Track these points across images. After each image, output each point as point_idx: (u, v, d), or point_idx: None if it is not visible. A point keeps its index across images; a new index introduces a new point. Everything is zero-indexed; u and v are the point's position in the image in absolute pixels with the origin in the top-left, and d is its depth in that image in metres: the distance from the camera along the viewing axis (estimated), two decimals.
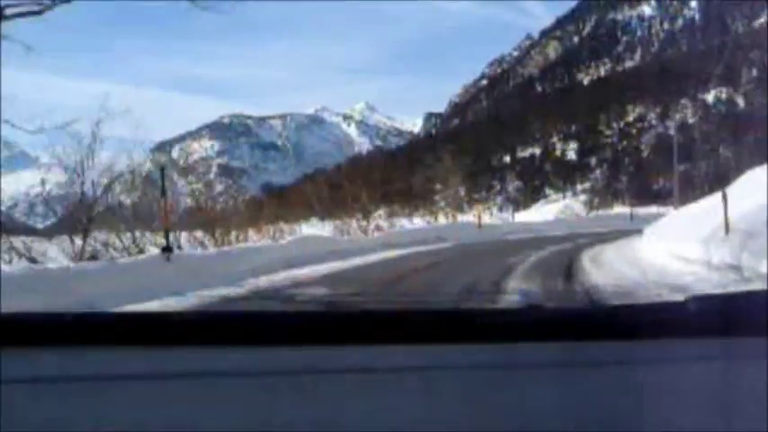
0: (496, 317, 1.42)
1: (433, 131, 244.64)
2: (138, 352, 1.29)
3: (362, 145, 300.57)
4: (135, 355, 1.29)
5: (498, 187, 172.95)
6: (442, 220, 59.17)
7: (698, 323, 1.35)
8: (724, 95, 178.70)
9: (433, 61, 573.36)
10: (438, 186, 69.81)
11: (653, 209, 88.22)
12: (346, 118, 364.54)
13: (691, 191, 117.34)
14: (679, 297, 1.51)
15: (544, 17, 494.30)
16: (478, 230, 44.05)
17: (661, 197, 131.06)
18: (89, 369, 1.22)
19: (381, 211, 69.84)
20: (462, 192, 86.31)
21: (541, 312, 1.49)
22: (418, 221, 61.86)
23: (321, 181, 55.04)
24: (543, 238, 38.40)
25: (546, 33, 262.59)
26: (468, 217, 65.47)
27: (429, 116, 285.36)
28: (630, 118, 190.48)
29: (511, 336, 1.33)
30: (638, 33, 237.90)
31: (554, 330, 1.36)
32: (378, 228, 46.34)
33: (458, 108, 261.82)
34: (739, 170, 53.43)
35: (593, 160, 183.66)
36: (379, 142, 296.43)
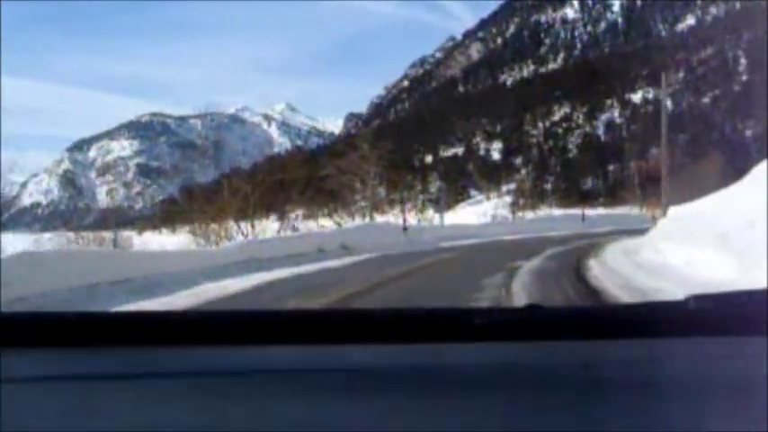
0: (496, 317, 1.40)
1: (354, 131, 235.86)
2: (138, 352, 1.28)
3: (283, 145, 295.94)
4: (135, 355, 1.28)
5: (419, 187, 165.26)
6: (358, 220, 55.12)
7: (698, 323, 1.34)
8: (651, 95, 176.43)
9: (356, 62, 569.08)
10: (358, 185, 65.08)
11: (596, 210, 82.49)
12: (267, 118, 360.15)
13: (622, 191, 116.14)
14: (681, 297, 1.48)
15: (467, 19, 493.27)
16: (404, 235, 35.00)
17: (590, 198, 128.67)
18: (89, 369, 1.21)
19: (299, 212, 62.60)
20: (383, 192, 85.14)
21: (541, 312, 1.46)
22: (327, 223, 53.86)
23: (238, 181, 46.88)
24: (496, 248, 30.22)
25: (469, 35, 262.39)
26: (389, 217, 61.92)
27: (350, 117, 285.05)
28: (556, 117, 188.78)
29: (511, 336, 1.33)
30: (562, 36, 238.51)
31: (554, 330, 1.35)
32: (294, 229, 39.23)
33: (379, 108, 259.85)
34: (673, 170, 53.48)
35: (518, 160, 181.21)
36: (299, 142, 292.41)
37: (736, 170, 42.15)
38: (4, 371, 1.15)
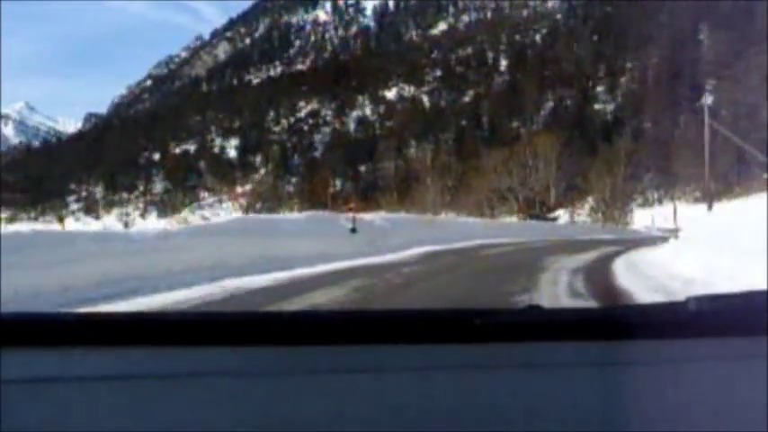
0: (496, 317, 1.35)
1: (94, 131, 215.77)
2: (139, 352, 1.24)
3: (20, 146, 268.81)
4: (135, 355, 1.23)
5: (141, 188, 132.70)
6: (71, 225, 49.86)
7: (698, 323, 1.30)
8: (407, 93, 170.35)
9: (101, 62, 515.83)
10: (72, 186, 42.48)
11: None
12: (3, 117, 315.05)
13: (374, 192, 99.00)
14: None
15: (218, 21, 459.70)
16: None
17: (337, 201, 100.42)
18: (89, 369, 1.17)
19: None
20: (98, 193, 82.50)
21: (541, 313, 1.42)
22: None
23: None
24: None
25: (217, 34, 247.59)
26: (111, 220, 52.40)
27: (89, 116, 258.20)
28: (302, 114, 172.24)
29: (511, 336, 1.29)
30: (313, 38, 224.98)
31: (554, 331, 1.32)
32: None
33: (120, 108, 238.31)
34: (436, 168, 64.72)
35: (257, 159, 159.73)
36: (36, 143, 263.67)
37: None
38: (4, 371, 1.12)
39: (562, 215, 64.29)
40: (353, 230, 23.53)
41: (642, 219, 72.29)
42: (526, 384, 1.14)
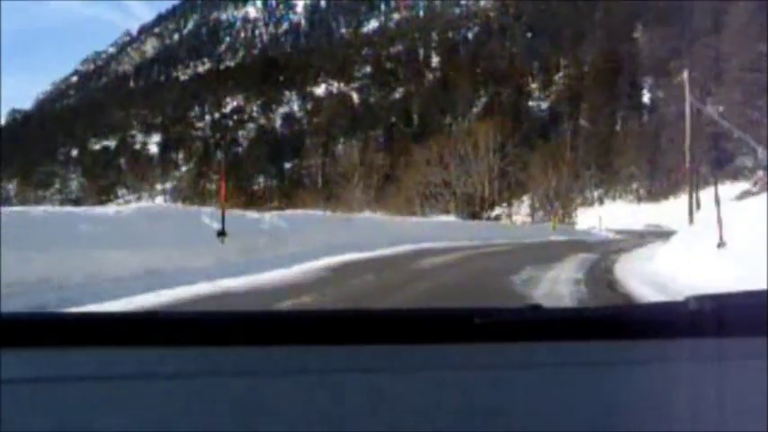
0: (496, 317, 1.33)
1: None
2: (139, 352, 1.23)
3: None
4: (135, 355, 1.22)
5: (57, 185, 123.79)
6: None
7: (698, 323, 1.28)
8: (336, 89, 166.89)
9: (28, 58, 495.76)
10: None
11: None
12: None
13: (301, 190, 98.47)
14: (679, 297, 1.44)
15: (147, 17, 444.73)
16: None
17: (262, 200, 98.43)
18: (89, 369, 1.16)
19: None
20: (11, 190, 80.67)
21: (541, 312, 1.41)
22: None
23: None
24: None
25: (145, 30, 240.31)
26: None
27: (13, 113, 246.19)
28: (228, 109, 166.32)
29: (511, 336, 1.27)
30: (243, 35, 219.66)
31: (554, 330, 1.30)
32: None
33: (43, 104, 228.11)
34: (364, 165, 64.81)
35: (179, 155, 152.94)
36: None
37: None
38: (4, 371, 1.11)
39: (504, 214, 56.30)
40: (221, 234, 15.41)
41: (586, 219, 66.34)
42: (526, 384, 1.13)
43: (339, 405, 1.06)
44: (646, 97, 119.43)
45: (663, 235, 46.31)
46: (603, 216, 65.51)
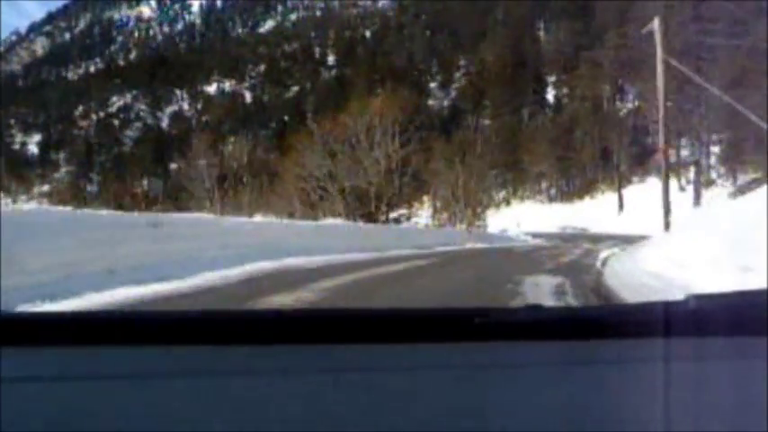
0: (496, 316, 1.31)
1: None
2: (139, 352, 1.21)
3: None
4: (135, 354, 1.20)
5: None
6: None
7: (698, 322, 1.26)
8: (228, 88, 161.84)
9: None
10: None
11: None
12: None
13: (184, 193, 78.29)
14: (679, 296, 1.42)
15: (38, 15, 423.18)
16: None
17: (148, 203, 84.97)
18: (89, 369, 1.14)
19: None
20: None
21: (541, 312, 1.39)
22: None
23: None
24: None
25: (35, 29, 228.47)
26: None
27: None
28: (114, 108, 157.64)
29: (511, 335, 1.25)
30: (137, 35, 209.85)
31: (554, 330, 1.28)
32: None
33: None
34: (252, 164, 61.82)
35: (60, 156, 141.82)
36: None
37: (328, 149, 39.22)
38: (5, 371, 1.09)
39: (404, 216, 45.31)
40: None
41: (495, 221, 58.82)
42: (526, 384, 1.12)
43: (339, 405, 1.04)
44: (550, 94, 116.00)
45: (599, 240, 38.39)
46: (513, 217, 58.88)
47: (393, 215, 42.00)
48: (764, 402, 1.00)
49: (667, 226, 19.74)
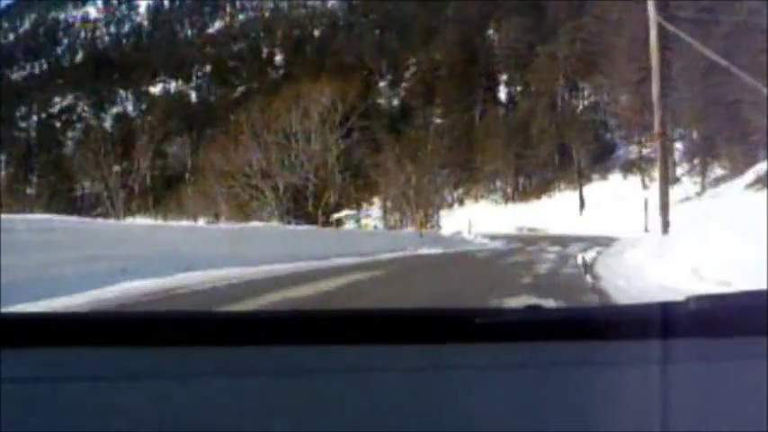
0: (496, 317, 1.29)
1: None
2: (138, 352, 1.19)
3: None
4: (135, 355, 1.18)
5: None
6: None
7: (698, 323, 1.24)
8: (174, 88, 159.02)
9: None
10: None
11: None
12: None
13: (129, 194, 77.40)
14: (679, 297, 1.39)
15: None
16: None
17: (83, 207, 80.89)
18: (89, 369, 1.13)
19: None
20: None
21: (541, 312, 1.37)
22: None
23: None
24: None
25: None
26: None
27: None
28: (56, 109, 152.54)
29: (511, 336, 1.23)
30: (84, 35, 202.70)
31: (554, 330, 1.26)
32: None
33: None
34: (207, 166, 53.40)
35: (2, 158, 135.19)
36: None
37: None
38: (4, 371, 1.08)
39: (348, 217, 40.61)
40: None
41: (447, 223, 55.35)
42: (526, 384, 1.11)
43: (339, 405, 1.03)
44: (503, 93, 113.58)
45: (564, 242, 34.60)
46: (466, 218, 55.59)
47: (338, 216, 37.23)
48: (765, 402, 0.99)
49: (666, 227, 16.19)
